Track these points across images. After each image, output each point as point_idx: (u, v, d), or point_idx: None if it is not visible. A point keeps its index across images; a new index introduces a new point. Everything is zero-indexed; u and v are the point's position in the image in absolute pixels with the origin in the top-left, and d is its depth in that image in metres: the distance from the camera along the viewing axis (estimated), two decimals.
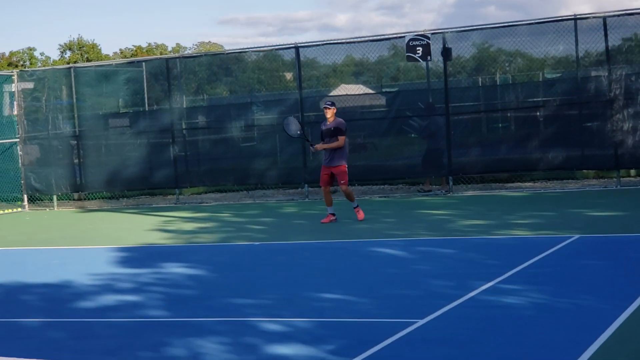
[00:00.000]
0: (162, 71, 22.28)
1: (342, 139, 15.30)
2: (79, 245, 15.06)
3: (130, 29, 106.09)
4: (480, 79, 21.24)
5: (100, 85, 22.98)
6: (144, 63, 23.54)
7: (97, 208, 22.02)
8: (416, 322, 7.84)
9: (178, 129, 21.86)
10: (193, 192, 23.01)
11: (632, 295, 8.37)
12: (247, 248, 13.59)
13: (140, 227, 16.87)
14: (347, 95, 21.66)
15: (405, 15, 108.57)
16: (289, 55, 21.32)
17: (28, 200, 23.00)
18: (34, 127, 23.00)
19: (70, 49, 78.13)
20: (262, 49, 21.61)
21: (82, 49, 77.34)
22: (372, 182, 21.38)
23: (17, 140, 22.82)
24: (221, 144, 22.00)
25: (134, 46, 76.83)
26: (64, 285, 10.89)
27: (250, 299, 9.39)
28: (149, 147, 22.23)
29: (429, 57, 19.62)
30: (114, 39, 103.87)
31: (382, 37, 20.44)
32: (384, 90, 21.61)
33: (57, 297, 10.25)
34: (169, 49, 76.64)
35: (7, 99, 23.70)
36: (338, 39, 20.70)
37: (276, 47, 21.61)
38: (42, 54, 79.85)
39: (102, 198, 23.09)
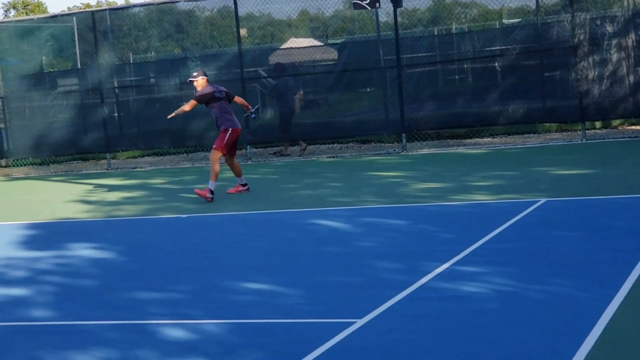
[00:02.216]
0: (89, 26, 20.36)
1: (189, 103, 13.80)
2: None
3: None
4: (435, 30, 19.64)
5: (23, 43, 21.04)
6: (74, 18, 21.53)
7: (23, 175, 20.22)
8: (354, 322, 6.29)
9: (108, 89, 20.04)
10: (128, 156, 21.25)
11: (616, 279, 6.89)
12: (172, 222, 11.96)
13: (61, 198, 15.16)
14: (290, 48, 19.99)
15: None
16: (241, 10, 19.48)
17: None
18: None
19: (14, 8, 75.18)
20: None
21: (26, 7, 74.45)
22: (320, 142, 19.77)
23: None
24: (155, 103, 20.22)
25: (83, 4, 74.15)
26: None
27: (158, 291, 7.80)
28: (77, 109, 20.39)
29: (377, 4, 17.95)
30: None
31: None
32: (329, 42, 19.91)
33: None
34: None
35: None
36: None
37: None
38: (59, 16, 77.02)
39: (32, 164, 21.27)
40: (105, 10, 21.09)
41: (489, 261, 7.91)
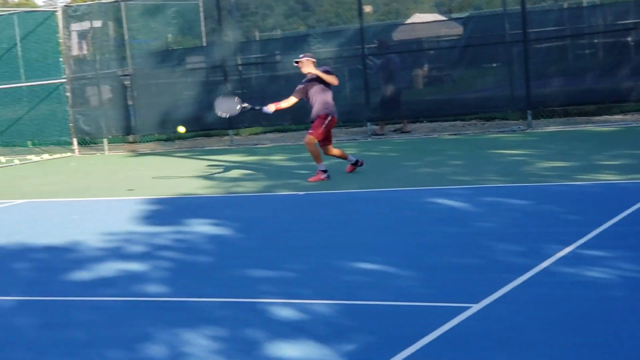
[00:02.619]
0: (214, 3, 20.42)
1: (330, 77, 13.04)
2: (110, 196, 13.54)
3: None
4: (565, 3, 18.90)
5: (150, 20, 21.31)
6: None
7: (149, 151, 20.55)
8: (469, 307, 6.03)
9: (231, 66, 20.13)
10: (251, 132, 21.33)
11: None
12: (290, 199, 11.88)
13: (184, 174, 15.30)
14: (413, 23, 19.63)
15: None
16: None
17: (78, 144, 21.65)
18: (81, 67, 21.54)
19: None
20: None
21: None
22: (442, 119, 19.40)
23: (64, 80, 21.39)
24: (276, 80, 20.20)
25: None
26: (67, 249, 9.35)
27: (270, 269, 7.69)
28: (201, 86, 20.57)
29: None
30: None
31: None
32: (453, 16, 19.44)
33: (51, 265, 8.70)
34: None
35: (75, 38, 22.30)
36: None
37: None
38: None
39: (158, 140, 21.60)
40: None
41: (616, 245, 7.51)
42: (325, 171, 13.06)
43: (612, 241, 7.68)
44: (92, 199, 13.38)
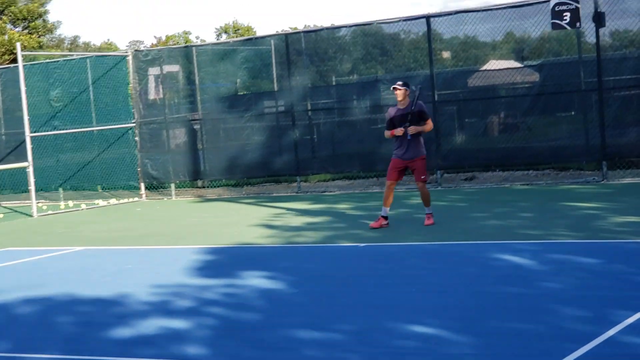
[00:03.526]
0: (283, 49, 20.25)
1: (430, 123, 12.93)
2: (169, 244, 13.31)
3: (287, 10, 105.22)
4: None
5: (218, 65, 21.25)
6: (272, 40, 21.45)
7: (215, 197, 20.39)
8: None
9: (300, 111, 19.90)
10: (320, 179, 21.05)
11: None
12: (350, 251, 11.49)
13: (247, 222, 15.03)
14: (486, 70, 19.16)
15: None
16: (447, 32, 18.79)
17: (146, 189, 21.63)
18: (150, 111, 21.56)
19: (226, 32, 77.60)
20: (388, 21, 19.29)
21: (237, 32, 76.70)
22: (514, 168, 18.84)
23: (134, 125, 21.43)
24: (345, 126, 19.90)
25: (290, 28, 75.53)
26: (113, 302, 9.08)
27: (318, 330, 7.28)
28: (269, 131, 20.38)
29: (578, 24, 16.91)
30: (270, 22, 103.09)
31: (524, 3, 17.76)
32: (525, 63, 18.91)
33: (93, 319, 8.43)
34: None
35: (152, 83, 22.38)
36: (473, 7, 18.24)
37: (404, 18, 19.19)
38: (197, 37, 79.75)
39: (226, 186, 21.43)
40: (299, 33, 21.00)
41: None
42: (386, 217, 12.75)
43: None
44: (150, 247, 13.17)
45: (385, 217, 12.99)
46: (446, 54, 19.82)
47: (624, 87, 17.23)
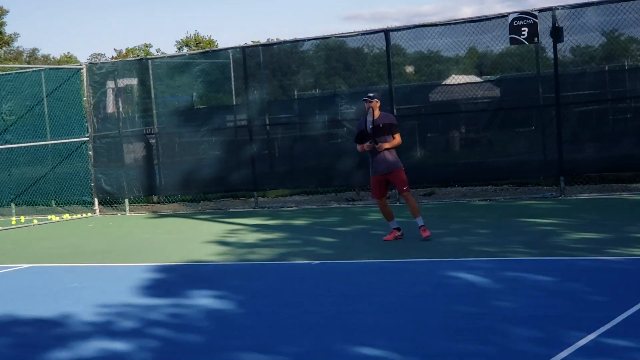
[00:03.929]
0: (240, 62, 19.98)
1: (399, 137, 12.80)
2: (118, 262, 12.98)
3: (250, 24, 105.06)
4: (607, 67, 18.09)
5: (175, 78, 20.93)
6: (230, 53, 21.18)
7: (171, 213, 20.06)
8: None
9: (258, 125, 19.64)
10: (278, 194, 20.79)
11: None
12: (303, 268, 11.25)
13: (201, 238, 14.74)
14: (445, 85, 19.03)
15: (532, 6, 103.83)
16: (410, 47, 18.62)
17: (100, 204, 21.24)
18: (104, 125, 21.18)
19: (187, 45, 77.13)
20: (347, 34, 19.11)
21: (198, 45, 76.25)
22: (473, 183, 18.72)
23: (87, 139, 21.04)
24: (303, 141, 19.67)
25: (253, 42, 75.16)
26: (55, 322, 8.75)
27: (263, 353, 7.02)
28: (226, 146, 20.09)
29: (535, 39, 16.84)
30: (233, 36, 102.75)
31: (482, 17, 17.67)
32: (483, 78, 18.82)
33: (33, 341, 8.09)
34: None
35: (110, 96, 21.98)
36: (432, 22, 18.10)
37: (363, 32, 19.03)
38: (157, 50, 79.21)
39: (182, 201, 21.09)
40: (257, 46, 20.77)
41: None
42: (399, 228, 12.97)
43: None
44: (98, 264, 12.84)
45: (398, 229, 12.90)
46: (409, 68, 19.69)
47: (581, 103, 17.17)
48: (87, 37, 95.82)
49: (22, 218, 20.76)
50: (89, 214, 20.91)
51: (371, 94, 12.90)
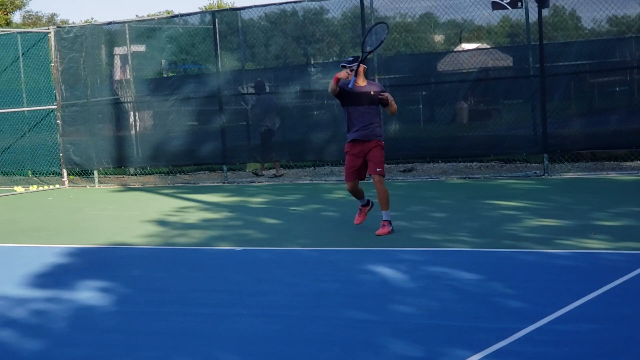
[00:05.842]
0: (209, 29, 18.78)
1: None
2: (38, 242, 11.89)
3: None
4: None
5: (147, 44, 19.81)
6: (199, 18, 20.04)
7: (139, 186, 19.02)
8: None
9: (225, 96, 18.49)
10: (252, 168, 19.63)
11: None
12: (220, 256, 10.14)
13: (144, 216, 13.67)
14: (429, 53, 17.77)
15: None
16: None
17: (74, 175, 20.25)
18: (73, 93, 20.10)
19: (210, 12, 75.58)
20: None
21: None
22: (453, 159, 17.48)
23: (55, 107, 20.00)
24: (273, 110, 18.45)
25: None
26: None
27: None
28: (195, 117, 18.97)
29: (520, 4, 15.52)
30: (254, 1, 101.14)
31: None
32: (464, 47, 17.49)
33: None
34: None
35: (118, 62, 20.88)
36: None
37: None
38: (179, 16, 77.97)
39: (158, 173, 20.03)
40: (229, 10, 19.58)
41: (545, 353, 5.57)
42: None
43: (543, 346, 5.74)
44: (13, 245, 11.81)
45: (368, 202, 10.95)
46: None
47: (566, 74, 15.83)
48: (108, 3, 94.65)
49: None
50: (57, 186, 19.92)
51: (351, 58, 10.68)
